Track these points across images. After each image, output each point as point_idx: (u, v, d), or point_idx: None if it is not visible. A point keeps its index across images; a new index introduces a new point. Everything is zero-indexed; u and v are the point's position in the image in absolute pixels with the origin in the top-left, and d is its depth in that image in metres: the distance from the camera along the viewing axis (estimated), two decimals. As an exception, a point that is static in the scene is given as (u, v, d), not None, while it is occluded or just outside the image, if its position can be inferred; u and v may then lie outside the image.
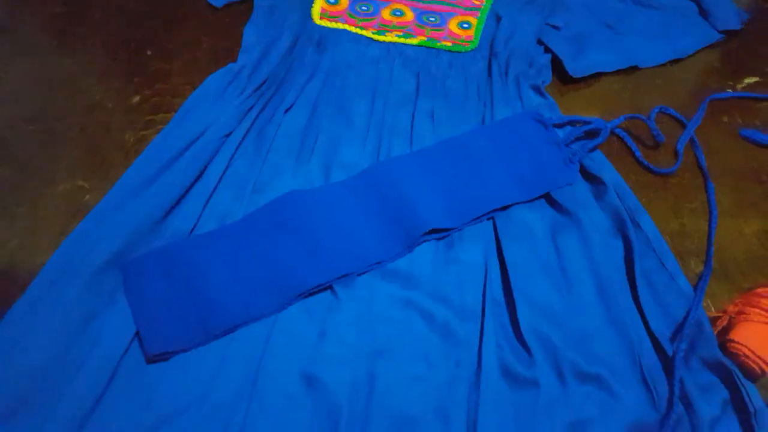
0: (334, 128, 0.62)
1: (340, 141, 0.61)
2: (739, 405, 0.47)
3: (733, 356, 0.49)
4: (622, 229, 0.56)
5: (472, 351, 0.49)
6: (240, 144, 0.59)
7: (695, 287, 0.54)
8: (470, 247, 0.55)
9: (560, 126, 0.63)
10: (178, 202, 0.55)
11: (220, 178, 0.57)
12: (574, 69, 0.68)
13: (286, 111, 0.62)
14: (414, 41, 0.70)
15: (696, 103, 0.69)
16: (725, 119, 0.68)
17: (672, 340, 0.51)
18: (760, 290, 0.51)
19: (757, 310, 0.50)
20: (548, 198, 0.59)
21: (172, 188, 0.54)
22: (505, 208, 0.57)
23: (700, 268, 0.56)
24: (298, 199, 0.54)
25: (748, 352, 0.48)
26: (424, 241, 0.54)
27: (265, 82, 0.64)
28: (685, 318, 0.51)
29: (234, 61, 0.67)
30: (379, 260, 0.52)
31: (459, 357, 0.48)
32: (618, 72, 0.71)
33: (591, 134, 0.62)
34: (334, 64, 0.67)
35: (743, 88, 0.72)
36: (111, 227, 0.52)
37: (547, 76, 0.68)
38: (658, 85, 0.71)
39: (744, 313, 0.50)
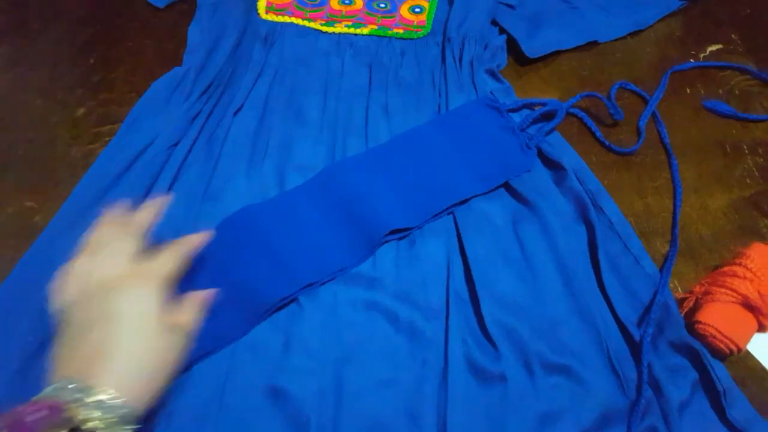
0: (286, 127, 0.61)
1: (293, 141, 0.60)
2: (708, 386, 0.48)
3: (700, 337, 0.50)
4: (584, 214, 0.56)
5: (438, 349, 0.49)
6: (189, 152, 0.58)
7: (661, 269, 0.54)
8: (431, 244, 0.54)
9: (515, 110, 0.63)
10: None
11: (170, 189, 0.56)
12: (530, 49, 0.68)
13: (236, 113, 0.61)
14: (365, 30, 0.69)
15: (659, 75, 0.69)
16: (688, 91, 0.68)
17: (639, 324, 0.51)
18: (725, 269, 0.51)
19: (723, 290, 0.50)
20: (508, 187, 0.58)
21: (125, 200, 0.54)
22: (465, 201, 0.57)
23: (666, 248, 0.56)
24: (253, 213, 0.54)
25: (715, 332, 0.48)
26: (386, 242, 0.54)
27: (211, 84, 0.63)
28: (652, 301, 0.51)
29: (180, 64, 0.66)
30: (342, 267, 0.52)
31: (426, 356, 0.48)
32: (577, 49, 0.70)
33: (547, 116, 0.62)
34: (283, 60, 0.66)
35: (706, 57, 0.72)
36: (63, 250, 0.51)
37: (502, 58, 0.67)
38: (619, 60, 0.71)
39: (710, 293, 0.51)
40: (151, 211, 0.48)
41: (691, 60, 0.71)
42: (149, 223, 0.47)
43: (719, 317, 0.49)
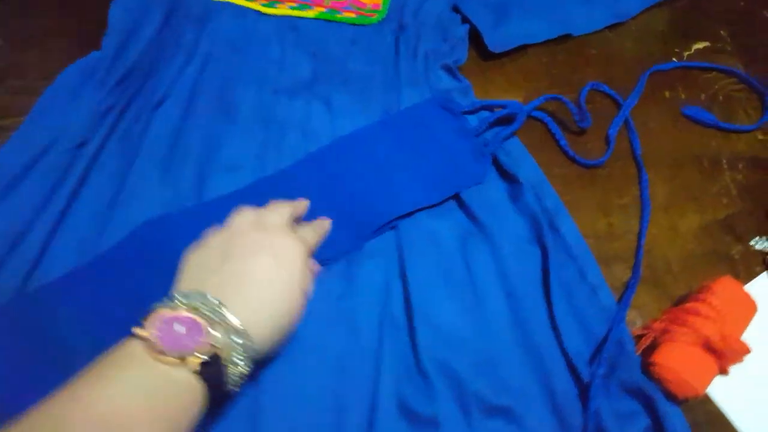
0: (212, 124, 0.55)
1: (221, 139, 0.54)
2: (661, 435, 0.44)
3: (656, 380, 0.45)
4: (539, 235, 0.51)
5: (367, 388, 0.44)
6: (99, 152, 0.52)
7: (620, 299, 0.49)
8: (368, 265, 0.49)
9: (472, 112, 0.57)
10: (28, 228, 0.48)
11: (75, 196, 0.50)
12: (494, 42, 0.61)
13: (156, 106, 0.55)
14: (311, 13, 0.62)
15: (637, 76, 0.63)
16: (667, 95, 0.62)
17: (591, 362, 0.46)
18: (688, 305, 0.47)
19: (683, 329, 0.45)
20: (459, 201, 0.53)
21: (21, 212, 0.48)
22: (410, 215, 0.51)
23: (628, 275, 0.51)
24: (161, 226, 0.48)
25: (671, 376, 0.44)
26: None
27: (130, 72, 0.56)
28: (605, 338, 0.47)
29: (99, 48, 0.59)
30: None
31: (352, 395, 0.44)
32: (547, 42, 0.64)
33: (507, 120, 0.56)
34: (215, 46, 0.60)
35: (691, 55, 0.66)
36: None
37: (462, 53, 0.61)
38: (594, 57, 0.65)
39: (669, 332, 0.46)
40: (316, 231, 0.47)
41: (674, 59, 0.65)
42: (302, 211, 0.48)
43: (677, 360, 0.44)
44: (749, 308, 0.47)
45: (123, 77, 0.56)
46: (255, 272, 0.36)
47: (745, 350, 0.45)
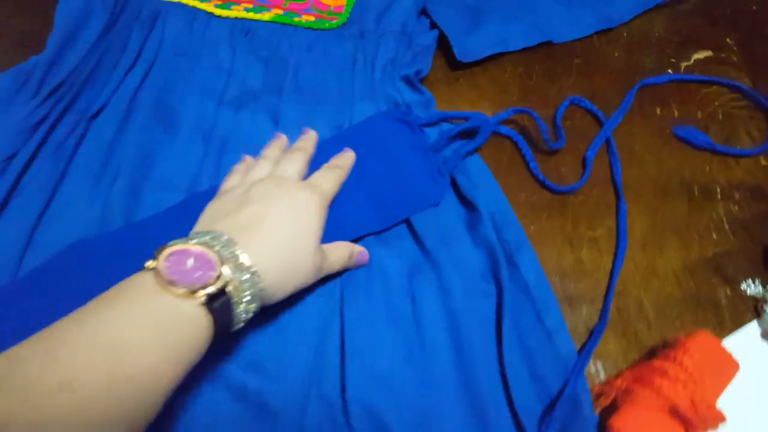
0: (150, 138, 0.51)
1: (157, 155, 0.50)
2: None
3: (612, 450, 0.39)
4: (495, 271, 0.46)
5: None
6: (29, 165, 0.48)
7: (581, 348, 0.43)
8: (308, 298, 0.44)
9: (432, 125, 0.51)
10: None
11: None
12: (463, 51, 0.55)
13: (93, 117, 0.51)
14: (266, 16, 0.57)
15: (625, 90, 0.56)
16: (658, 112, 0.56)
17: (541, 421, 0.41)
18: (656, 362, 0.41)
19: (647, 391, 0.39)
20: (411, 226, 0.48)
21: None
22: (359, 240, 0.46)
23: (594, 320, 0.45)
24: (85, 249, 0.44)
25: (629, 449, 0.38)
26: None
27: (65, 80, 0.52)
28: (559, 393, 0.41)
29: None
30: None
31: None
32: (525, 50, 0.58)
33: (470, 134, 0.50)
34: (161, 51, 0.55)
35: (689, 67, 0.58)
36: None
37: (425, 62, 0.55)
38: (577, 67, 0.58)
39: (631, 393, 0.40)
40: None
41: (669, 71, 0.58)
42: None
43: (638, 427, 0.38)
44: (728, 369, 0.41)
45: (59, 85, 0.52)
46: (269, 219, 0.37)
47: (719, 418, 0.38)
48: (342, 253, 0.43)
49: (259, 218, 0.37)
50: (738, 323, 0.46)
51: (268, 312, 0.42)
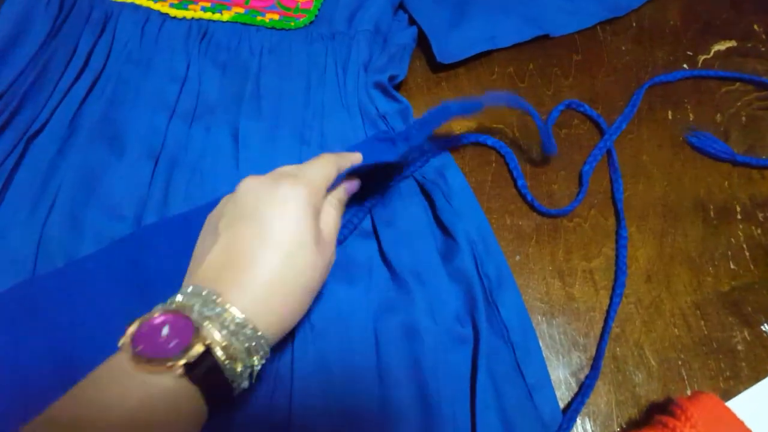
0: (93, 157, 0.45)
1: (100, 177, 0.45)
2: None
3: None
4: (472, 312, 0.39)
5: None
6: (-43, 192, 0.43)
7: (566, 408, 0.37)
8: None
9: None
10: None
11: None
12: (444, 51, 0.48)
13: (32, 137, 0.46)
14: (226, 15, 0.51)
15: (633, 90, 0.48)
16: (670, 115, 0.47)
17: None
18: (665, 419, 0.34)
19: (641, 469, 0.33)
20: (381, 256, 0.42)
21: None
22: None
23: (586, 370, 0.38)
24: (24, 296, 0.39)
25: None
26: None
27: (3, 94, 0.47)
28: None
29: (-15, 60, 0.50)
30: None
31: None
32: (517, 47, 0.50)
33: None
34: (110, 58, 0.49)
35: (708, 60, 0.50)
36: None
37: (401, 66, 0.48)
38: (578, 65, 0.50)
39: (622, 469, 0.34)
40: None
41: (685, 65, 0.49)
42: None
43: None
44: (739, 440, 0.34)
45: (-3, 100, 0.46)
46: (245, 245, 0.31)
47: (727, 504, 0.32)
48: (332, 216, 0.36)
49: (234, 249, 0.32)
50: (757, 373, 0.38)
51: None
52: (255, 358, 0.30)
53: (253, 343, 0.29)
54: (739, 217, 0.43)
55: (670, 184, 0.44)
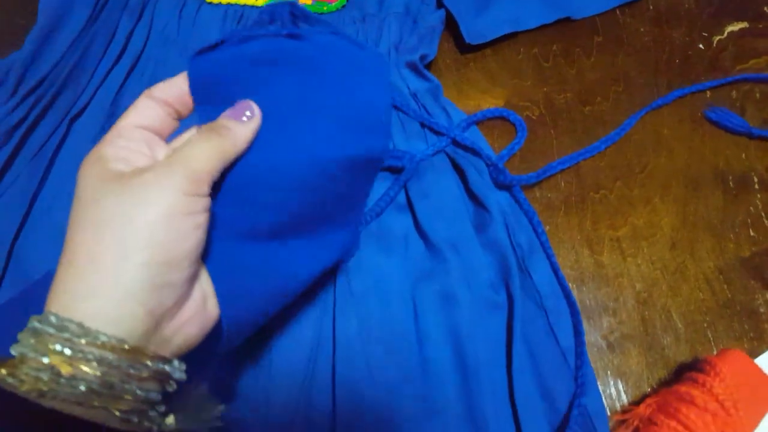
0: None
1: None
2: None
3: (633, 483, 0.34)
4: (506, 279, 0.40)
5: None
6: (3, 174, 0.44)
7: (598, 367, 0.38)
8: (300, 316, 0.39)
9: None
10: None
11: None
12: (473, 32, 0.48)
13: (74, 118, 0.46)
14: (261, 1, 0.51)
15: (651, 69, 0.49)
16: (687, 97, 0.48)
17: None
18: (682, 388, 0.35)
19: (672, 423, 0.34)
20: (418, 230, 0.42)
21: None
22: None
23: (616, 333, 0.39)
24: None
25: (653, 485, 0.33)
26: None
27: (45, 79, 0.47)
28: (566, 416, 0.36)
29: (24, 45, 0.50)
30: None
31: None
32: (541, 29, 0.50)
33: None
34: (149, 42, 0.50)
35: (721, 41, 0.51)
36: None
37: (431, 46, 0.48)
38: (600, 46, 0.50)
39: (655, 424, 0.34)
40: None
41: (700, 45, 0.50)
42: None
43: (663, 463, 0.33)
44: (765, 394, 0.35)
45: (39, 83, 0.47)
46: (105, 244, 0.24)
47: (757, 453, 0.33)
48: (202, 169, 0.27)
49: (94, 251, 0.24)
50: (779, 334, 0.39)
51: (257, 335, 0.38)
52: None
53: (103, 351, 0.22)
54: (756, 186, 0.44)
55: (690, 156, 0.45)
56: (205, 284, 0.27)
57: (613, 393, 0.38)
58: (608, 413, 0.37)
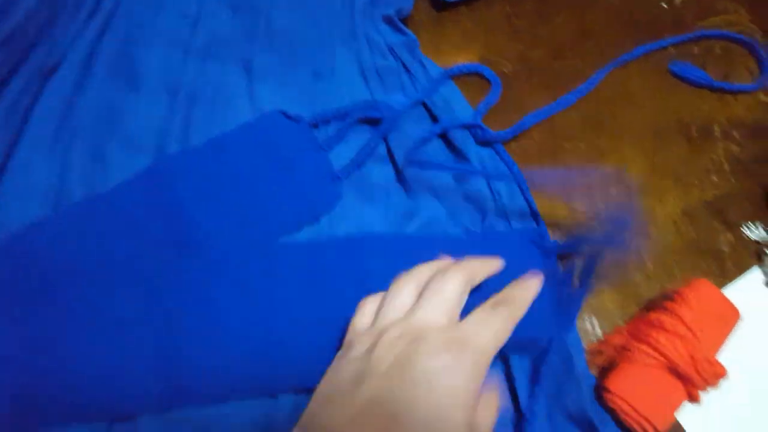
0: (111, 94, 0.45)
1: (119, 112, 0.45)
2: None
3: (609, 410, 0.36)
4: (487, 224, 0.41)
5: None
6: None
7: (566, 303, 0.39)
8: None
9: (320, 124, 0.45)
10: None
11: None
12: (446, -11, 0.49)
13: (47, 74, 0.45)
14: (235, -41, 0.51)
15: (621, 24, 0.50)
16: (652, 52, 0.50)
17: (531, 380, 0.37)
18: (653, 316, 0.36)
19: (644, 348, 0.35)
20: (397, 178, 0.43)
21: None
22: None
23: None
24: (37, 237, 0.38)
25: (627, 409, 0.34)
26: None
27: (16, 31, 0.46)
28: (545, 348, 0.37)
29: None
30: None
31: None
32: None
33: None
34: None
35: (683, 0, 0.52)
36: None
37: (408, 1, 0.49)
38: (570, 4, 0.52)
39: (628, 350, 0.36)
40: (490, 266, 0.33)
41: (663, 4, 0.52)
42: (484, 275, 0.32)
43: (634, 387, 0.35)
44: (729, 318, 0.37)
45: (8, 38, 0.46)
46: (395, 407, 0.24)
47: (720, 373, 0.35)
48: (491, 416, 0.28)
49: (380, 409, 0.24)
50: (741, 269, 0.42)
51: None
52: None
53: None
54: (718, 135, 0.46)
55: (656, 108, 0.47)
56: None
57: (588, 328, 0.39)
58: (584, 346, 0.38)
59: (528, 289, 0.30)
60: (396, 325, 0.27)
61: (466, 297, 0.29)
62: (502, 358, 0.37)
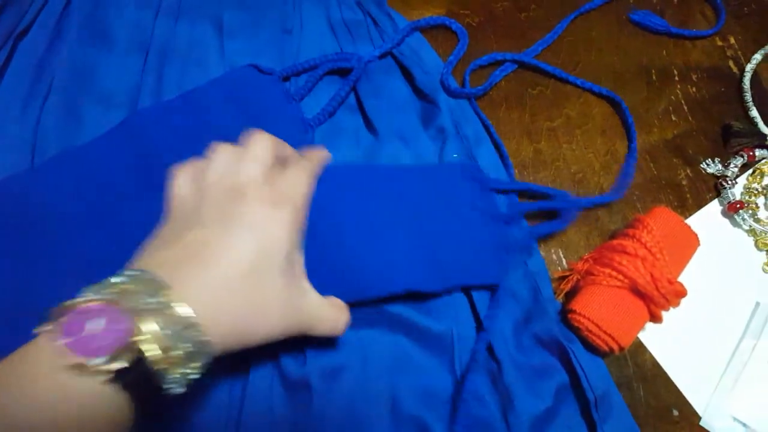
0: (84, 53, 0.45)
1: (92, 70, 0.45)
2: (579, 393, 0.36)
3: (575, 329, 0.37)
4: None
5: None
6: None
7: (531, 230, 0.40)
8: None
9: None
10: None
11: None
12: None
13: (20, 35, 0.45)
14: None
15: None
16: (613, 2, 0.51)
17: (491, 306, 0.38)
18: (615, 242, 0.38)
19: (607, 270, 0.37)
20: (368, 129, 0.44)
21: None
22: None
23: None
24: (19, 189, 0.39)
25: (591, 327, 0.36)
26: None
27: (-11, -5, 0.46)
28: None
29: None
30: None
31: None
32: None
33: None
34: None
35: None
36: None
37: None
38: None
39: (592, 274, 0.37)
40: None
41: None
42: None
43: (598, 307, 0.36)
44: (689, 243, 0.38)
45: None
46: (219, 245, 0.26)
47: (681, 293, 0.36)
48: (333, 314, 0.31)
49: (205, 245, 0.26)
50: (700, 203, 0.43)
51: None
52: (194, 366, 0.24)
53: (196, 349, 0.24)
54: (676, 78, 0.48)
55: (617, 54, 0.48)
56: None
57: (555, 259, 0.40)
58: (550, 275, 0.39)
59: (320, 149, 0.37)
60: (217, 184, 0.29)
61: (269, 156, 0.31)
62: (466, 295, 0.38)
